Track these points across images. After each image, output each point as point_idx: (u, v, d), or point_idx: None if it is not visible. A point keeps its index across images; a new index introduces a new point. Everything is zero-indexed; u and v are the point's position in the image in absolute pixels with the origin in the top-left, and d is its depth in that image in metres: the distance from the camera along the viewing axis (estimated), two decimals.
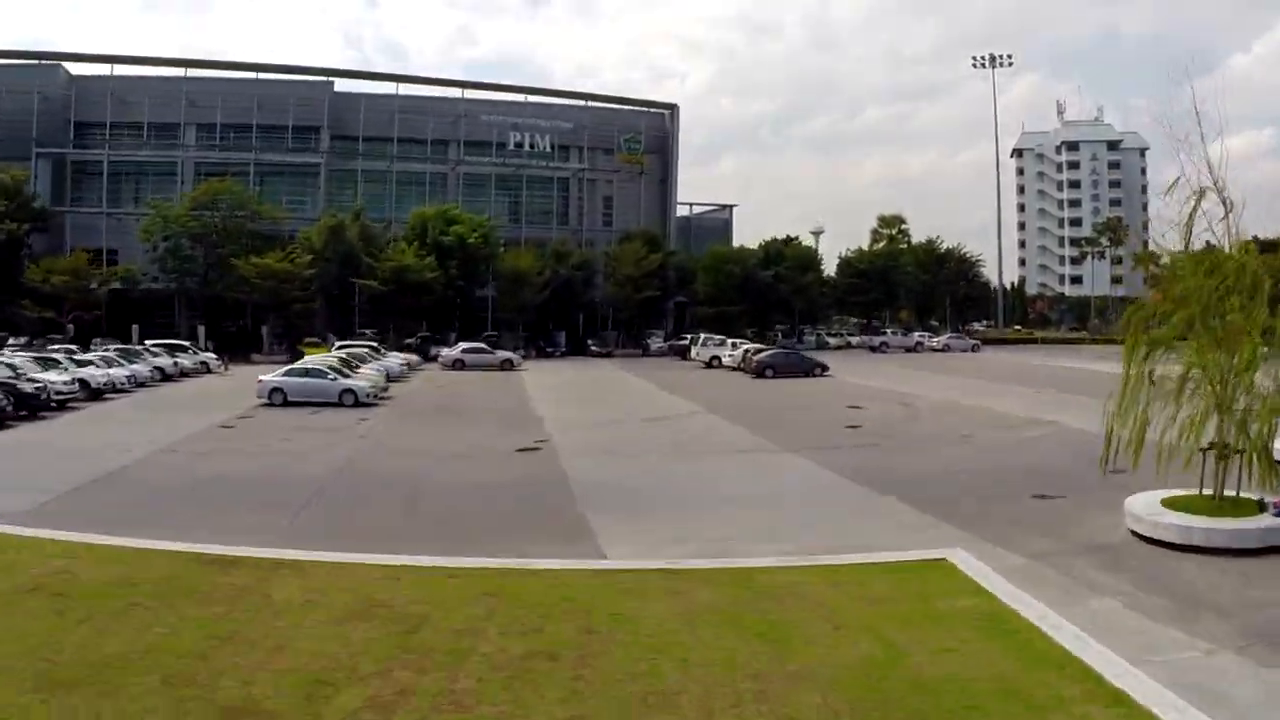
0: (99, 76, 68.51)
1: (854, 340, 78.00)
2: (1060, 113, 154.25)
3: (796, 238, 78.57)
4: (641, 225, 76.74)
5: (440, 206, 64.13)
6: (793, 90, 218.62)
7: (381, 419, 27.82)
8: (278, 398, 30.44)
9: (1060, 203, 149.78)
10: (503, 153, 74.27)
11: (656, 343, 66.79)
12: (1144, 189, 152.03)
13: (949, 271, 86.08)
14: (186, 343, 46.68)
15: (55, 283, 52.27)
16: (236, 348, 58.05)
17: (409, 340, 63.34)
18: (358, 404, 30.23)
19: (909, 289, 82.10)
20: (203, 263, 56.91)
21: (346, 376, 31.52)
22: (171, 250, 56.32)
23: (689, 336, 63.76)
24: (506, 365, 47.86)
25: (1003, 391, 37.30)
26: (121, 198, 68.62)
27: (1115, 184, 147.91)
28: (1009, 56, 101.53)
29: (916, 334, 73.60)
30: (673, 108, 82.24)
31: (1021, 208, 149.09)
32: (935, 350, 70.14)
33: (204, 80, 69.76)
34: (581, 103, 79.20)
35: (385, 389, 33.44)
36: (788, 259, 74.74)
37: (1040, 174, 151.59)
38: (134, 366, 37.93)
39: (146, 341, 46.76)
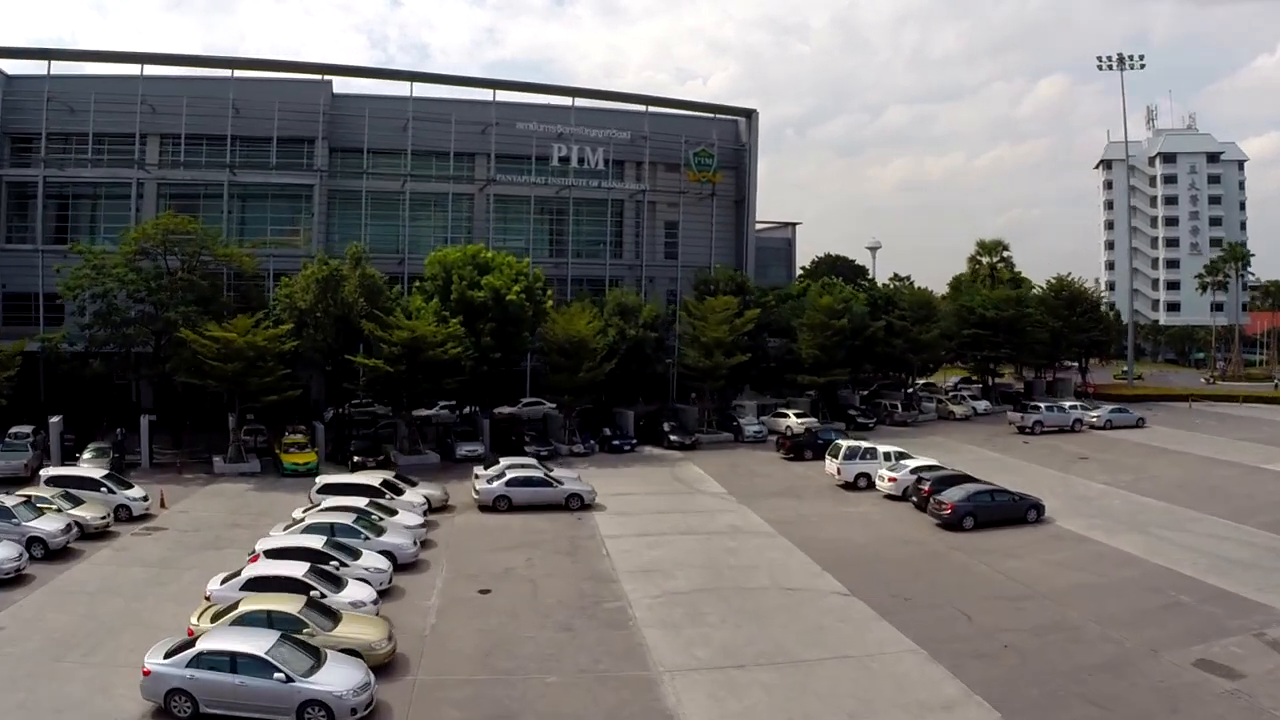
0: (37, 76, 53.62)
1: (979, 406, 62.29)
2: (1150, 120, 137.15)
3: (908, 277, 63.13)
4: (715, 259, 61.77)
5: (467, 247, 48.52)
6: (817, 92, 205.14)
7: None
8: (183, 708, 15.32)
9: (1154, 220, 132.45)
10: (543, 169, 59.07)
11: (750, 423, 50.79)
12: (1243, 205, 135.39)
13: (1081, 317, 70.18)
14: (99, 473, 31.04)
15: None
16: (197, 439, 43.32)
17: (424, 414, 48.34)
18: None
19: (1036, 340, 66.46)
20: (148, 330, 41.07)
21: (314, 663, 16.09)
22: (103, 313, 40.45)
23: (796, 419, 48.78)
24: (574, 503, 31.92)
25: None
26: (75, 228, 54.38)
27: (1215, 200, 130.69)
28: (1140, 58, 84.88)
29: (1069, 404, 57.62)
30: (750, 114, 66.72)
31: (1109, 225, 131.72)
32: (1095, 427, 54.55)
33: (168, 80, 54.58)
34: (640, 108, 63.53)
35: (391, 649, 18.16)
36: (902, 306, 59.30)
37: (1132, 188, 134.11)
38: None
39: (45, 473, 31.64)
